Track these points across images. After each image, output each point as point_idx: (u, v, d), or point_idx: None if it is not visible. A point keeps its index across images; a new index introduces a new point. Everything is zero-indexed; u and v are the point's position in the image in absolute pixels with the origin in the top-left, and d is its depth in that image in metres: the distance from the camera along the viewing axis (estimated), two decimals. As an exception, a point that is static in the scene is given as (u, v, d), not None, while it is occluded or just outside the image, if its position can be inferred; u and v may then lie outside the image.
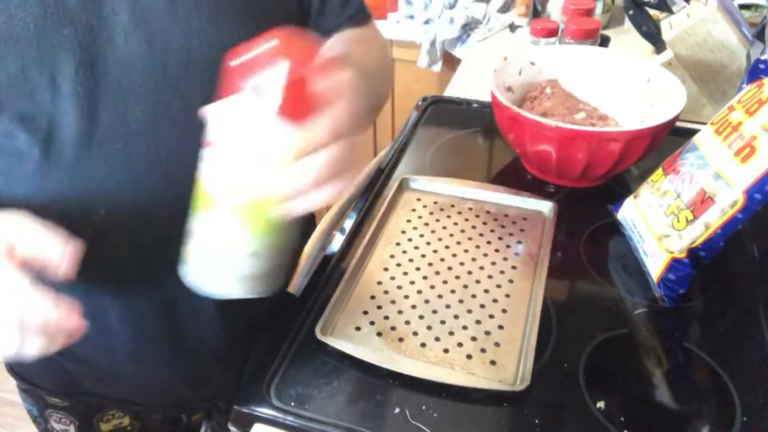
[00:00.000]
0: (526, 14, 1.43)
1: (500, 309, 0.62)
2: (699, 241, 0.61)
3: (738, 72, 0.94)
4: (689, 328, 0.62)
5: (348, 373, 0.57)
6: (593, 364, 0.58)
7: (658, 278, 0.65)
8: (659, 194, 0.67)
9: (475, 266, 0.68)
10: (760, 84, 0.63)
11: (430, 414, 0.53)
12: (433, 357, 0.57)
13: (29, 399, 0.72)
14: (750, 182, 0.57)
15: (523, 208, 0.76)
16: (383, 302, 0.63)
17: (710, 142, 0.64)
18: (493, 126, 0.84)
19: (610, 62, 0.88)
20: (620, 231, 0.74)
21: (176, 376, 0.69)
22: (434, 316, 0.62)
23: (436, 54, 1.48)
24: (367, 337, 0.59)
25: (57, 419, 0.71)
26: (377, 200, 0.79)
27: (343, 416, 0.53)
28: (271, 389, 0.55)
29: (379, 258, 0.69)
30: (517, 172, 0.86)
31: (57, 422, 0.71)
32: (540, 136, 0.74)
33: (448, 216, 0.75)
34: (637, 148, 0.74)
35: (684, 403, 0.55)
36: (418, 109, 1.00)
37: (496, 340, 0.59)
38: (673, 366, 0.59)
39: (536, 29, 1.06)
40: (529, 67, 0.90)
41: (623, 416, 0.53)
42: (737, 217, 0.59)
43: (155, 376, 0.68)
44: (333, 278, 0.67)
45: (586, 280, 0.68)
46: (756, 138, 0.58)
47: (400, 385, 0.55)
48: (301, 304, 0.64)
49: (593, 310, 0.64)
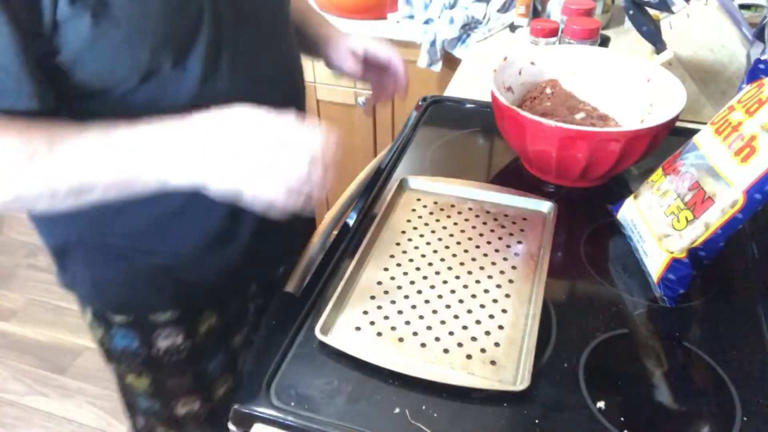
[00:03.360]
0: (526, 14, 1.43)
1: (500, 309, 0.62)
2: (699, 241, 0.61)
3: (738, 72, 0.94)
4: (689, 328, 0.62)
5: (348, 373, 0.57)
6: (593, 364, 0.58)
7: (658, 278, 0.65)
8: (659, 194, 0.67)
9: (475, 266, 0.68)
10: (760, 84, 0.63)
11: (430, 414, 0.53)
12: (433, 357, 0.57)
13: (129, 334, 0.76)
14: (750, 182, 0.57)
15: (523, 208, 0.76)
16: (383, 302, 0.63)
17: (710, 142, 0.64)
18: (493, 126, 0.84)
19: (610, 62, 0.88)
20: (620, 231, 0.74)
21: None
22: (434, 316, 0.62)
23: (436, 54, 1.48)
24: (367, 337, 0.59)
25: (165, 336, 0.76)
26: (377, 200, 0.79)
27: (343, 416, 0.53)
28: (271, 389, 0.55)
29: (379, 258, 0.69)
30: (517, 172, 0.86)
31: (165, 338, 0.76)
32: (540, 136, 0.74)
33: (448, 216, 0.75)
34: (637, 148, 0.74)
35: (684, 403, 0.55)
36: (418, 109, 1.00)
37: (496, 340, 0.59)
38: (673, 366, 0.59)
39: (536, 29, 1.06)
40: (529, 67, 0.90)
41: (623, 416, 0.53)
42: (737, 217, 0.59)
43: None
44: (333, 278, 0.67)
45: (586, 280, 0.68)
46: (756, 138, 0.58)
47: (400, 385, 0.55)
48: (301, 304, 0.64)
49: (593, 310, 0.64)
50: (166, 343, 0.77)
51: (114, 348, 0.79)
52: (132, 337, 0.77)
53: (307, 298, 0.64)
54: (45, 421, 1.58)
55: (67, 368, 1.71)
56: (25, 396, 1.64)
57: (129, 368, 0.80)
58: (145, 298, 0.75)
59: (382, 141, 1.73)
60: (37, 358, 1.74)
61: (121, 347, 0.78)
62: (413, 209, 0.77)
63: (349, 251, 0.71)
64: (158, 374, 0.80)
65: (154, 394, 0.83)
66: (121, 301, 0.75)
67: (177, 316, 0.76)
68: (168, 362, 0.79)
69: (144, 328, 0.76)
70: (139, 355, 0.78)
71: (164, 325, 0.76)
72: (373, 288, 0.65)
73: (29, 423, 1.57)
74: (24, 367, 1.72)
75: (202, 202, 0.61)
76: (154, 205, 0.63)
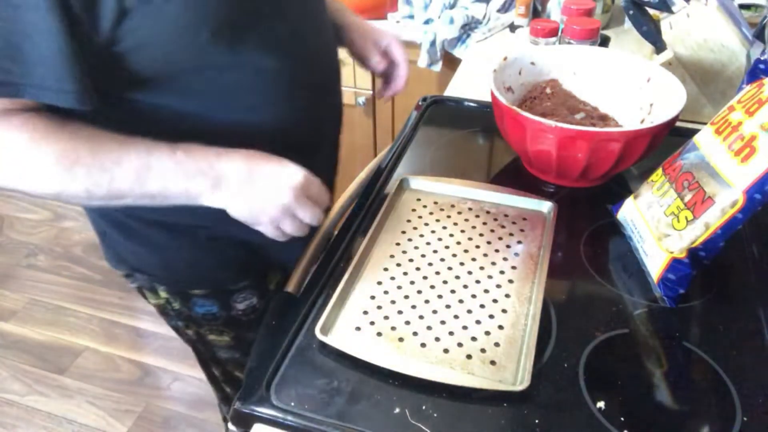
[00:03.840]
0: (526, 14, 1.43)
1: (500, 309, 0.62)
2: (699, 241, 0.61)
3: (738, 72, 0.94)
4: (689, 328, 0.62)
5: (348, 373, 0.57)
6: (593, 364, 0.58)
7: (658, 278, 0.65)
8: (659, 194, 0.67)
9: (475, 266, 0.68)
10: (760, 84, 0.63)
11: (430, 414, 0.53)
12: (433, 357, 0.57)
13: (208, 302, 0.84)
14: (750, 182, 0.57)
15: (523, 208, 0.76)
16: (383, 302, 0.63)
17: (710, 142, 0.64)
18: (493, 126, 0.84)
19: (610, 62, 0.88)
20: (620, 231, 0.74)
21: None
22: (434, 316, 0.62)
23: (436, 54, 1.48)
24: (368, 337, 0.59)
25: (241, 299, 0.85)
26: (377, 200, 0.79)
27: (343, 416, 0.53)
28: (271, 389, 0.55)
29: (379, 258, 0.69)
30: (517, 172, 0.86)
31: (241, 302, 0.85)
32: (540, 136, 0.74)
33: (448, 216, 0.75)
34: (637, 148, 0.74)
35: (684, 403, 0.55)
36: (418, 109, 1.00)
37: (496, 340, 0.59)
38: (673, 366, 0.59)
39: (536, 29, 1.06)
40: (529, 67, 0.90)
41: (623, 416, 0.53)
42: (737, 217, 0.59)
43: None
44: (333, 278, 0.67)
45: (586, 280, 0.68)
46: (756, 138, 0.58)
47: (400, 385, 0.55)
48: (301, 304, 0.64)
49: (593, 310, 0.64)
50: (243, 305, 0.86)
51: (194, 315, 0.86)
52: (211, 304, 0.84)
53: (307, 298, 0.64)
54: (45, 421, 1.58)
55: (67, 368, 1.71)
56: (25, 396, 1.64)
57: (210, 329, 0.88)
58: (218, 274, 0.83)
59: (382, 141, 1.73)
60: (37, 358, 1.74)
61: (202, 313, 0.86)
62: (413, 209, 0.77)
63: (349, 251, 0.71)
64: (238, 331, 0.89)
65: (235, 347, 0.92)
66: (195, 278, 0.83)
67: (248, 283, 0.85)
68: (247, 320, 0.88)
69: (222, 295, 0.84)
70: (220, 318, 0.86)
71: (240, 291, 0.85)
72: (373, 288, 0.65)
73: (29, 423, 1.58)
74: (24, 367, 1.72)
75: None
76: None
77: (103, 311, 1.89)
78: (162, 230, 0.77)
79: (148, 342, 1.79)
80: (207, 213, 0.71)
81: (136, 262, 0.82)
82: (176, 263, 0.80)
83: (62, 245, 2.15)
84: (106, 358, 1.75)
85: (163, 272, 0.82)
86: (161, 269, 0.82)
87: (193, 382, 1.67)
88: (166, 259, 0.80)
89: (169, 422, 1.58)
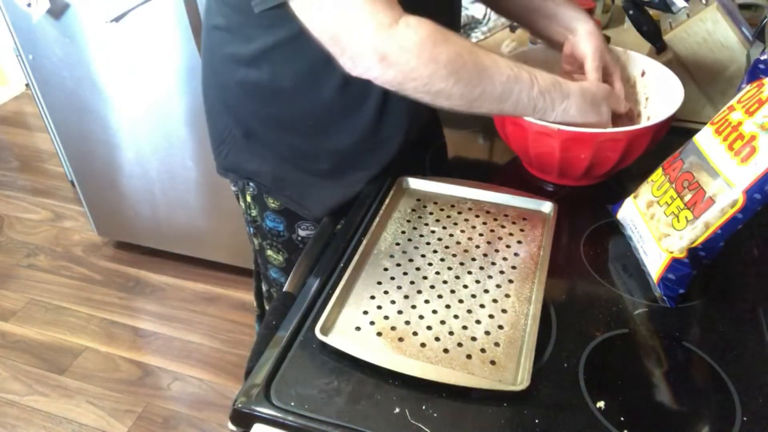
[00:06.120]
0: (526, 14, 1.43)
1: (500, 309, 0.62)
2: (699, 241, 0.61)
3: (738, 72, 0.93)
4: (689, 328, 0.62)
5: (348, 373, 0.57)
6: (593, 364, 0.58)
7: (658, 278, 0.65)
8: (659, 194, 0.67)
9: (475, 266, 0.68)
10: (760, 84, 0.63)
11: (430, 414, 0.53)
12: (433, 357, 0.57)
13: (278, 218, 0.91)
14: (750, 182, 0.57)
15: (524, 208, 0.76)
16: (383, 302, 0.63)
17: (710, 142, 0.64)
18: (493, 126, 0.84)
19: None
20: (620, 231, 0.74)
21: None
22: (434, 316, 0.62)
23: (436, 54, 1.48)
24: (367, 337, 0.59)
25: (305, 227, 0.91)
26: (377, 200, 0.79)
27: (343, 416, 0.53)
28: (271, 389, 0.55)
29: (379, 258, 0.69)
30: (517, 172, 0.86)
31: (304, 230, 0.91)
32: (542, 140, 0.74)
33: (448, 216, 0.75)
34: (640, 146, 0.74)
35: (684, 403, 0.55)
36: (418, 109, 1.00)
37: (496, 340, 0.59)
38: (673, 366, 0.59)
39: (536, 29, 1.06)
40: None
41: (623, 416, 0.53)
42: (737, 217, 0.59)
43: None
44: (333, 278, 0.67)
45: (586, 280, 0.68)
46: (756, 138, 0.58)
47: (400, 385, 0.55)
48: (301, 304, 0.64)
49: (593, 310, 0.64)
50: (304, 233, 0.91)
51: (264, 227, 0.93)
52: (280, 222, 0.91)
53: (307, 298, 0.64)
54: (45, 421, 1.58)
55: (67, 368, 1.71)
56: (25, 396, 1.64)
57: (271, 245, 0.95)
58: (315, 204, 0.87)
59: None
60: (37, 358, 1.74)
61: (269, 227, 0.93)
62: (413, 209, 0.77)
63: (350, 251, 0.71)
64: (292, 255, 0.95)
65: (285, 270, 0.98)
66: (284, 195, 0.89)
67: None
68: (302, 248, 0.92)
69: (291, 217, 0.90)
70: (282, 237, 0.93)
71: (306, 219, 0.90)
72: (373, 288, 0.65)
73: (29, 423, 1.57)
74: (24, 367, 1.72)
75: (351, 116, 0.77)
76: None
77: (103, 311, 1.89)
78: (291, 150, 0.83)
79: (148, 342, 1.79)
80: (341, 156, 0.80)
81: (250, 169, 0.87)
82: (288, 183, 0.86)
83: (62, 245, 2.15)
84: (106, 358, 1.75)
85: (272, 184, 0.88)
86: (272, 181, 0.87)
87: (193, 382, 1.67)
88: (281, 175, 0.86)
89: (169, 422, 1.58)
